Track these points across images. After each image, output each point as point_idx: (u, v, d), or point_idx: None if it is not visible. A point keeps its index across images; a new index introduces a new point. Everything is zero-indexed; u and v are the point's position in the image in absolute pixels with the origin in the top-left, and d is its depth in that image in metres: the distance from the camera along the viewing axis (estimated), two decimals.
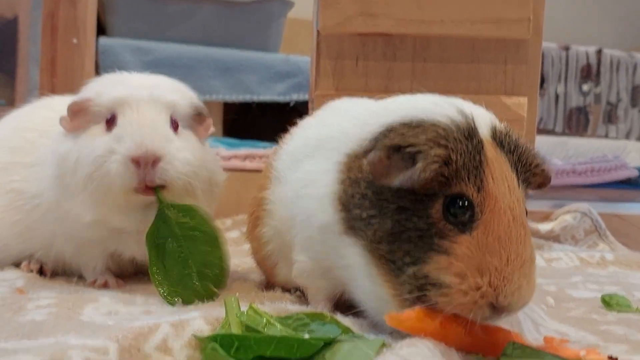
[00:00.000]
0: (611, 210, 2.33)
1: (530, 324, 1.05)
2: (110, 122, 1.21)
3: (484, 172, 0.88)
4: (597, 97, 4.64)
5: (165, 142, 1.19)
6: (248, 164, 2.25)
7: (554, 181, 2.56)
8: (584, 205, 2.23)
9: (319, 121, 1.19)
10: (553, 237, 2.14)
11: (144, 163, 1.15)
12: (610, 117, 4.66)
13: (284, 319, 0.92)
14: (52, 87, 2.81)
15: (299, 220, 1.07)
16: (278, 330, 0.88)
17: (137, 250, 1.30)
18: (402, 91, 1.25)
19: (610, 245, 2.14)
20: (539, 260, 1.77)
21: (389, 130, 0.93)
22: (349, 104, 1.18)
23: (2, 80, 3.38)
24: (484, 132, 0.92)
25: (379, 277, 0.92)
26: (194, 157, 1.23)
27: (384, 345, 0.86)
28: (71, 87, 2.48)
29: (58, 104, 1.50)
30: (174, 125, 1.25)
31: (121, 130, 1.19)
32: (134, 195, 1.19)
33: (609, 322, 1.16)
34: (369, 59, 1.72)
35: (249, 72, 3.41)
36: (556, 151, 3.91)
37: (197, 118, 1.31)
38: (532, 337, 1.01)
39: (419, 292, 0.87)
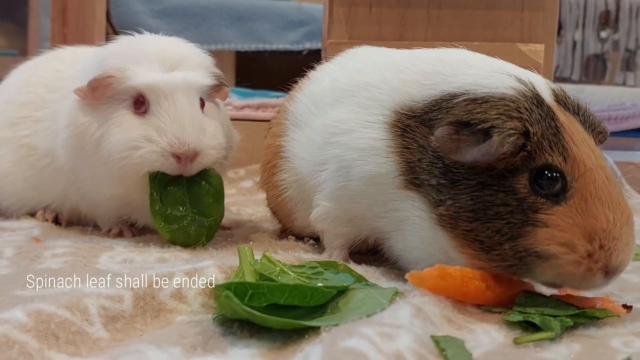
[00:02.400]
0: (628, 158, 2.31)
1: None
2: (139, 104, 1.20)
3: (563, 138, 0.86)
4: (616, 44, 4.55)
5: (202, 134, 1.20)
6: (261, 114, 2.24)
7: None
8: None
9: (347, 67, 1.17)
10: None
11: (185, 159, 1.18)
12: (628, 65, 4.58)
13: (297, 267, 0.92)
14: (63, 36, 2.78)
15: (331, 168, 1.06)
16: (292, 278, 0.89)
17: (150, 221, 1.30)
18: (417, 39, 1.24)
19: (627, 194, 2.12)
20: None
21: (452, 104, 0.91)
22: (380, 53, 1.17)
23: (14, 31, 3.37)
24: (547, 96, 0.91)
25: (461, 250, 0.90)
26: (222, 136, 1.25)
27: (397, 293, 0.86)
28: (82, 36, 2.47)
29: (68, 55, 1.49)
30: (201, 104, 1.25)
31: (160, 121, 1.18)
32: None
33: (625, 271, 1.15)
34: (383, 5, 1.69)
35: (261, 20, 3.37)
36: None
37: (216, 87, 1.30)
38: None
39: (521, 263, 0.86)
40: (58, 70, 1.43)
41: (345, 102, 1.08)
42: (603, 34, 4.56)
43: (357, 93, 1.06)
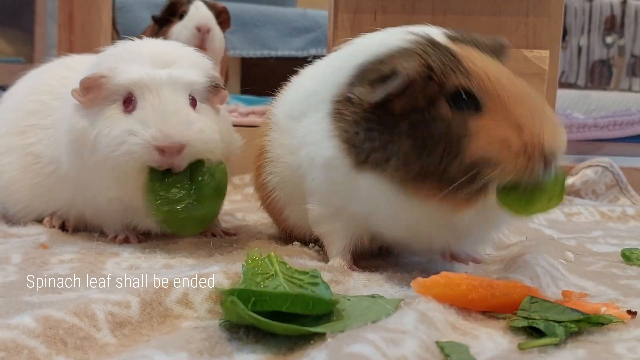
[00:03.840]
0: (633, 164, 2.30)
1: (549, 279, 1.05)
2: (128, 102, 1.21)
3: (461, 63, 0.96)
4: (621, 49, 4.54)
5: (188, 128, 1.19)
6: None
7: (575, 135, 2.53)
8: (605, 160, 2.20)
9: (315, 72, 1.22)
10: (574, 192, 2.12)
11: (169, 152, 1.17)
12: (634, 70, 4.57)
13: (299, 273, 0.92)
14: (70, 44, 2.80)
15: (304, 167, 1.12)
16: (278, 283, 0.89)
17: (152, 225, 1.31)
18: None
19: (632, 200, 2.12)
20: (559, 215, 1.77)
21: (364, 71, 1.02)
22: (332, 54, 1.22)
23: (21, 38, 3.39)
24: (442, 38, 1.01)
25: (417, 193, 0.97)
26: (214, 133, 1.25)
27: (402, 301, 0.87)
28: (89, 44, 2.48)
29: (74, 63, 1.50)
30: (193, 103, 1.24)
31: (143, 115, 1.18)
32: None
33: (629, 277, 1.16)
34: (388, 12, 1.70)
35: (266, 27, 3.38)
36: (578, 105, 3.84)
37: (212, 89, 1.30)
38: (551, 291, 1.02)
39: (471, 179, 0.93)
40: (64, 78, 1.44)
41: (309, 107, 1.13)
42: (608, 40, 4.56)
43: (314, 97, 1.13)
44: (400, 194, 0.98)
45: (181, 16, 2.45)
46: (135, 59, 1.23)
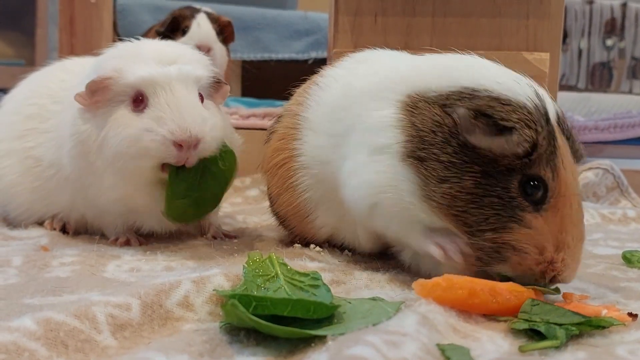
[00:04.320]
0: (634, 166, 2.30)
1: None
2: (138, 101, 1.21)
3: (558, 158, 0.96)
4: (622, 52, 4.55)
5: (203, 123, 1.20)
6: (267, 123, 2.24)
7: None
8: (606, 162, 2.21)
9: (358, 72, 1.21)
10: None
11: (187, 147, 1.17)
12: (634, 73, 4.57)
13: (300, 275, 0.92)
14: (71, 47, 2.80)
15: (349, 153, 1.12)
16: (279, 285, 0.89)
17: (156, 225, 1.32)
18: (422, 48, 1.24)
19: (633, 202, 2.12)
20: None
21: (472, 95, 0.99)
22: (388, 56, 1.23)
23: (22, 41, 3.40)
24: (553, 117, 1.00)
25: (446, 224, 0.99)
26: (221, 130, 1.26)
27: (402, 303, 0.87)
28: (90, 47, 2.48)
29: (74, 66, 1.50)
30: (200, 99, 1.25)
31: (158, 112, 1.19)
32: (160, 173, 1.21)
33: (630, 279, 1.15)
34: (388, 14, 1.70)
35: (267, 30, 3.39)
36: (578, 107, 3.85)
37: (215, 85, 1.31)
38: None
39: (494, 252, 0.96)
40: (63, 81, 1.45)
41: (362, 101, 1.12)
42: (609, 42, 4.56)
43: (373, 92, 1.11)
44: (432, 213, 1.00)
45: (184, 31, 2.46)
46: (138, 59, 1.24)
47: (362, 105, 1.11)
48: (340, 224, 1.22)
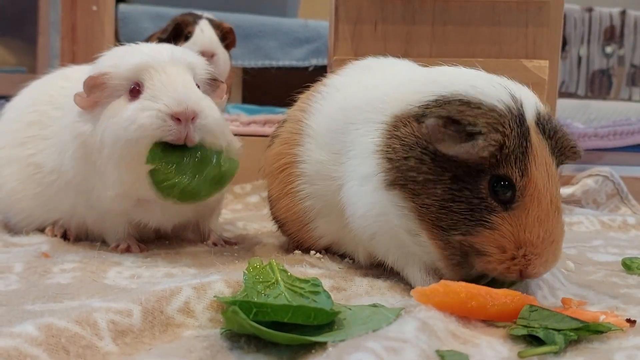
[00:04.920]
0: (634, 173, 2.30)
1: (546, 290, 1.06)
2: (135, 91, 1.21)
3: (528, 158, 0.97)
4: (621, 59, 4.55)
5: (199, 99, 1.20)
6: (267, 130, 2.25)
7: None
8: (606, 169, 2.21)
9: (359, 82, 1.21)
10: (574, 201, 2.12)
11: (185, 119, 1.16)
12: (634, 80, 4.57)
13: (301, 282, 0.93)
14: (72, 54, 2.82)
15: (345, 177, 1.12)
16: (279, 291, 0.89)
17: (162, 219, 1.32)
18: (421, 55, 1.25)
19: (633, 209, 2.12)
20: None
21: (445, 102, 1.00)
22: (389, 66, 1.23)
23: (23, 48, 3.40)
24: (530, 116, 1.00)
25: (427, 236, 1.00)
26: (220, 117, 1.26)
27: (402, 310, 0.87)
28: (91, 54, 2.48)
29: (74, 74, 1.51)
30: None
31: (153, 91, 1.19)
32: None
33: (630, 286, 1.16)
34: (388, 22, 1.71)
35: (267, 37, 3.40)
36: (578, 114, 3.85)
37: (212, 83, 1.32)
38: (549, 302, 1.02)
39: (463, 254, 0.98)
40: (63, 88, 1.45)
41: (357, 120, 1.13)
42: (608, 50, 4.57)
43: (367, 109, 1.12)
44: (413, 223, 1.01)
45: (186, 37, 2.46)
46: (134, 52, 1.25)
47: (355, 125, 1.13)
48: (340, 236, 1.22)
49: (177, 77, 1.21)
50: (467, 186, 0.97)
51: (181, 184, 1.16)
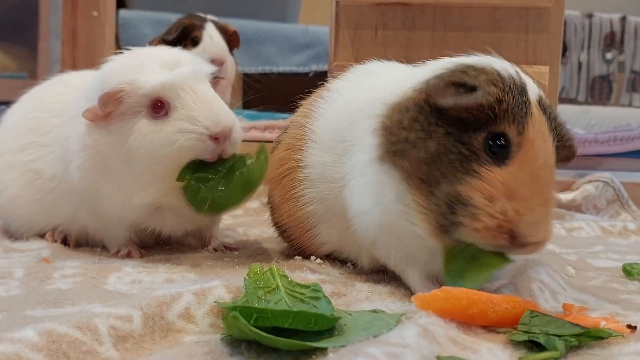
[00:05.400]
0: (634, 179, 2.31)
1: (548, 294, 1.06)
2: (158, 108, 1.21)
3: (527, 121, 0.96)
4: (621, 65, 4.57)
5: (230, 113, 1.24)
6: (267, 135, 2.26)
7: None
8: (606, 175, 2.21)
9: (360, 86, 1.22)
10: (575, 207, 2.12)
11: (223, 138, 1.20)
12: (634, 86, 4.59)
13: (302, 287, 0.93)
14: (73, 60, 2.83)
15: (346, 177, 1.12)
16: (280, 297, 0.89)
17: (175, 226, 1.33)
18: (422, 61, 1.25)
19: (633, 215, 2.12)
20: (560, 230, 1.77)
21: (450, 70, 1.00)
22: (390, 69, 1.23)
23: (24, 54, 3.41)
24: (532, 95, 1.00)
25: (412, 197, 0.98)
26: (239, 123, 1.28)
27: (403, 315, 0.87)
28: (92, 60, 2.50)
29: (73, 80, 1.51)
30: None
31: (188, 111, 1.20)
32: None
33: (630, 292, 1.16)
34: (388, 28, 1.71)
35: (268, 43, 3.41)
36: (578, 120, 3.86)
37: (213, 81, 1.32)
38: (550, 306, 1.02)
39: (448, 210, 0.94)
40: (62, 94, 1.45)
41: (358, 121, 1.12)
42: (608, 55, 4.58)
43: (367, 109, 1.11)
44: (404, 188, 0.99)
45: (193, 41, 2.46)
46: (145, 68, 1.24)
47: (356, 125, 1.13)
48: (343, 241, 1.22)
49: (207, 94, 1.23)
50: (460, 140, 0.96)
51: (210, 197, 1.20)
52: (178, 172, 1.21)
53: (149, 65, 1.24)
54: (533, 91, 1.01)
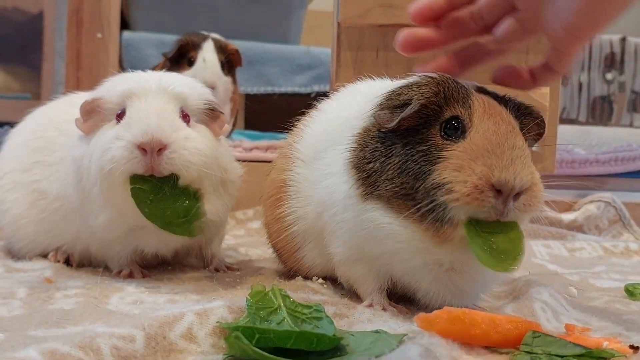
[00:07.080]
0: (635, 199, 2.31)
1: (550, 314, 1.06)
2: (120, 116, 1.22)
3: (469, 98, 1.01)
4: (622, 86, 4.58)
5: (172, 130, 1.18)
6: (269, 155, 2.26)
7: (578, 170, 2.54)
8: (607, 195, 2.22)
9: (338, 104, 1.24)
10: (576, 227, 2.12)
11: (150, 150, 1.15)
12: (635, 106, 4.59)
13: (303, 307, 0.93)
14: (77, 81, 2.84)
15: (326, 201, 1.12)
16: (282, 317, 0.89)
17: (159, 245, 1.31)
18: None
19: (635, 235, 2.12)
20: (562, 251, 1.77)
21: (390, 95, 1.05)
22: (364, 86, 1.24)
23: (28, 75, 3.43)
24: (469, 84, 1.05)
25: (399, 214, 1.00)
26: (205, 147, 1.23)
27: (405, 336, 0.87)
28: (96, 81, 2.51)
29: (79, 100, 1.51)
30: (185, 118, 1.25)
31: (129, 119, 1.19)
32: None
33: (632, 312, 1.16)
34: (390, 50, 1.72)
35: (270, 64, 3.43)
36: (579, 141, 3.87)
37: (210, 114, 1.30)
38: (552, 326, 1.02)
39: (431, 200, 0.95)
40: (69, 114, 1.46)
41: (336, 139, 1.14)
42: (609, 76, 4.59)
43: (344, 127, 1.13)
44: (392, 217, 1.01)
45: (189, 61, 2.48)
46: (130, 78, 1.26)
47: (333, 146, 1.14)
48: (329, 265, 1.20)
49: (154, 106, 1.20)
50: (419, 142, 1.00)
51: (152, 215, 1.17)
52: (123, 184, 1.17)
53: (127, 79, 1.27)
54: (468, 84, 1.05)
